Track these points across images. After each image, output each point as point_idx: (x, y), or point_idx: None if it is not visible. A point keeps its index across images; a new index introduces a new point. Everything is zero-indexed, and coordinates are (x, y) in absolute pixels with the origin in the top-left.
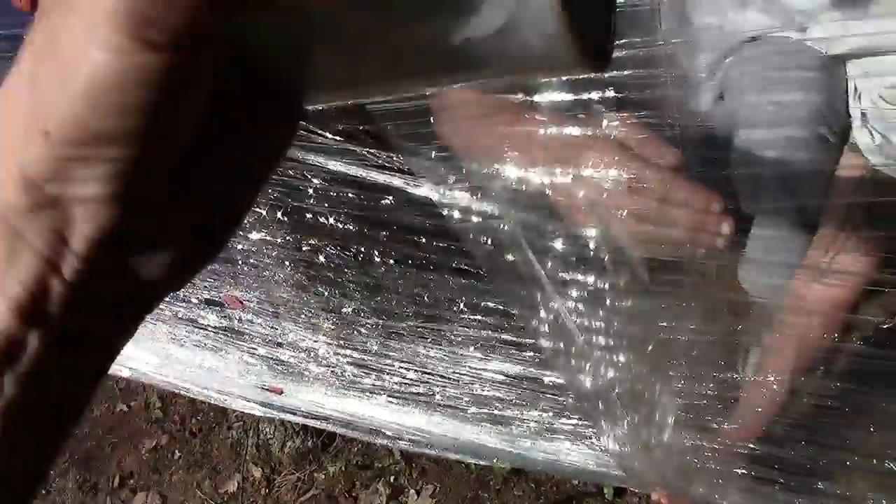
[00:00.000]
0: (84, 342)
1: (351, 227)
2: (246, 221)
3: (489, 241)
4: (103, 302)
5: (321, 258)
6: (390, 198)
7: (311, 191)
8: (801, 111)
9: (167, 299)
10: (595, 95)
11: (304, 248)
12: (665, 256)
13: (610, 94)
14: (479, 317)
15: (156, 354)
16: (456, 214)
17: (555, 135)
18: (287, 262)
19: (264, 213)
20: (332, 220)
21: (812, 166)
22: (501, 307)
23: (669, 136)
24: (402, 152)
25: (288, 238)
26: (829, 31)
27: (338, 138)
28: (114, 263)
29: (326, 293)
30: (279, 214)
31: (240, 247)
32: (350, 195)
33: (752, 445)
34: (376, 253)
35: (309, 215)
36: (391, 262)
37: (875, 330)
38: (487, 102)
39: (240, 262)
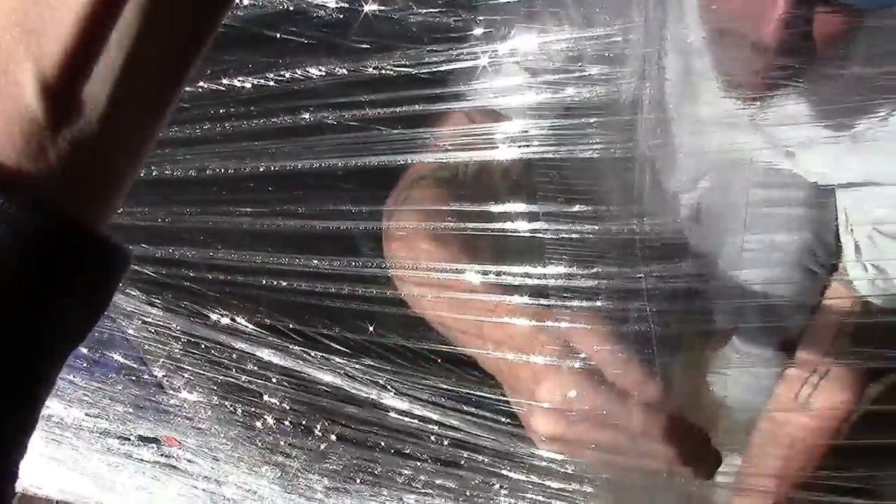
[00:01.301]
0: None
1: (287, 406)
2: (175, 384)
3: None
4: None
5: (258, 424)
6: (326, 389)
7: (242, 374)
8: (788, 251)
9: (98, 434)
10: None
11: (239, 413)
12: (638, 481)
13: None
14: (429, 490)
15: (94, 481)
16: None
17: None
18: (223, 422)
19: (194, 379)
20: (266, 397)
21: (797, 298)
22: (454, 485)
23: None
24: None
25: (223, 403)
26: (819, 159)
27: (263, 331)
28: None
29: (268, 451)
30: (210, 384)
31: (172, 401)
32: (285, 383)
33: None
34: (317, 428)
35: (244, 391)
36: (333, 437)
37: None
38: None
39: (173, 415)
